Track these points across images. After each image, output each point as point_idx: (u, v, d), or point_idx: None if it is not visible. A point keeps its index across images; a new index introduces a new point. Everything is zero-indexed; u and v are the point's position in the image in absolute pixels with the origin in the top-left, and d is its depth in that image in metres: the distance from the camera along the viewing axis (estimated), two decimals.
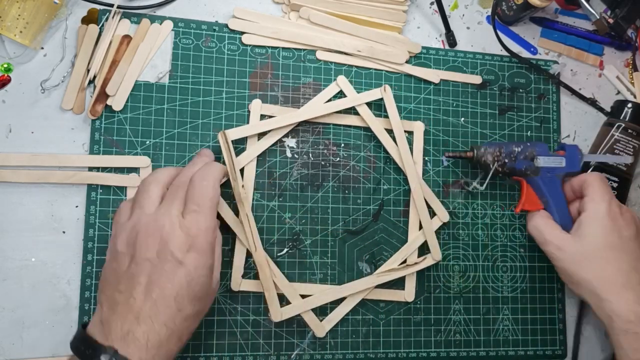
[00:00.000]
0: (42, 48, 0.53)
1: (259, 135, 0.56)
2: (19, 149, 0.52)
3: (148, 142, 0.54)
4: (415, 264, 0.57)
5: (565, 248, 0.55)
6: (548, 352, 0.61)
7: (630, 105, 0.64)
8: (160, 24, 0.56)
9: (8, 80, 0.52)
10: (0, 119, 0.52)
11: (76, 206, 0.52)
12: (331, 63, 0.60)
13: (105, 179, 0.53)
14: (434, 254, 0.58)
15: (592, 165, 0.63)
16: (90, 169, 0.53)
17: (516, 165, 0.57)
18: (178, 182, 0.47)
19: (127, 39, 0.54)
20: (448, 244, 0.60)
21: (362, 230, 0.59)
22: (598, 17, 0.63)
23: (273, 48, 0.59)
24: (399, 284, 0.58)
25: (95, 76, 0.53)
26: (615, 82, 0.68)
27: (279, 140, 0.57)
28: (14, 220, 0.51)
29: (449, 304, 0.60)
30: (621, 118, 0.64)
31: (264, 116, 0.57)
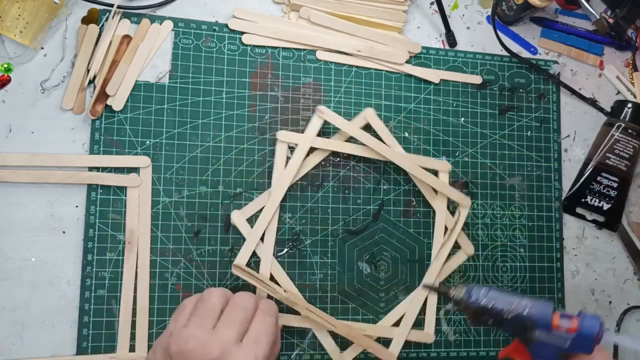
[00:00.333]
0: (42, 48, 0.53)
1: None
2: (19, 149, 0.52)
3: (148, 142, 0.54)
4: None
5: None
6: None
7: (630, 105, 0.64)
8: (160, 24, 0.56)
9: (8, 80, 0.52)
10: (0, 119, 0.52)
11: (76, 206, 0.52)
12: (331, 63, 0.60)
13: (105, 179, 0.53)
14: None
15: (590, 168, 0.63)
16: (90, 169, 0.53)
17: (504, 326, 0.44)
18: (240, 302, 0.46)
19: (127, 39, 0.54)
20: None
21: (362, 230, 0.59)
22: (598, 17, 0.63)
23: (273, 48, 0.59)
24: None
25: (95, 76, 0.53)
26: (615, 82, 0.68)
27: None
28: (14, 220, 0.51)
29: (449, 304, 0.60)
30: (621, 118, 0.64)
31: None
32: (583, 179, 0.64)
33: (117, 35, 0.54)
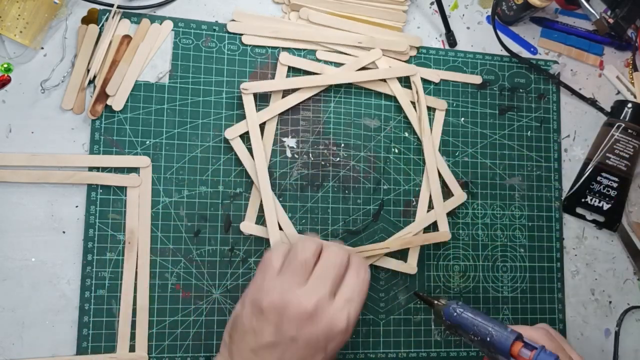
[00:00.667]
0: (42, 48, 0.53)
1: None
2: (19, 149, 0.52)
3: (148, 142, 0.54)
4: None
5: None
6: None
7: (630, 105, 0.64)
8: (160, 24, 0.56)
9: (8, 80, 0.52)
10: (0, 119, 0.52)
11: (76, 206, 0.52)
12: (331, 63, 0.60)
13: (105, 179, 0.53)
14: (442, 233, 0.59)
15: (590, 168, 0.63)
16: (90, 169, 0.53)
17: (473, 344, 0.48)
18: (333, 260, 0.46)
19: (127, 39, 0.54)
20: (448, 244, 0.60)
21: (362, 230, 0.59)
22: (598, 17, 0.63)
23: (273, 48, 0.59)
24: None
25: (95, 76, 0.53)
26: (615, 82, 0.68)
27: (279, 140, 0.57)
28: (14, 220, 0.51)
29: None
30: (621, 118, 0.64)
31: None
32: (583, 179, 0.64)
33: (117, 35, 0.54)
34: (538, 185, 0.64)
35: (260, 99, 0.57)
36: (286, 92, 0.57)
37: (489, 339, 0.46)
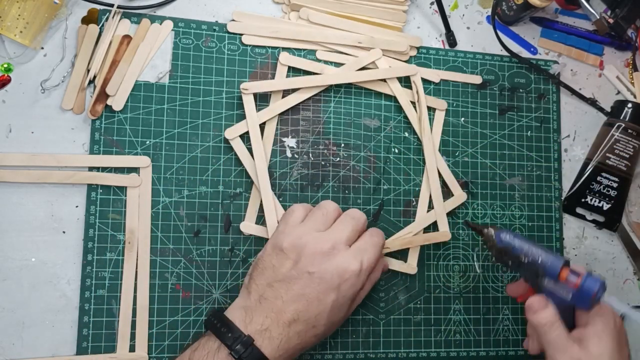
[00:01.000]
0: (42, 48, 0.53)
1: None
2: (19, 149, 0.52)
3: (148, 142, 0.54)
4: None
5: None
6: None
7: (630, 105, 0.64)
8: (160, 24, 0.56)
9: (8, 80, 0.52)
10: (0, 119, 0.52)
11: (76, 206, 0.52)
12: (331, 63, 0.60)
13: (105, 179, 0.53)
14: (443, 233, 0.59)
15: (590, 168, 0.63)
16: (90, 169, 0.53)
17: (520, 269, 0.50)
18: (352, 214, 0.51)
19: (127, 39, 0.54)
20: (448, 244, 0.60)
21: None
22: (598, 17, 0.63)
23: (273, 48, 0.59)
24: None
25: (95, 76, 0.53)
26: (615, 82, 0.68)
27: (279, 140, 0.57)
28: (14, 220, 0.51)
29: (449, 304, 0.60)
30: (621, 118, 0.64)
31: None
32: (583, 179, 0.64)
33: (117, 35, 0.54)
34: (538, 185, 0.64)
35: (260, 99, 0.57)
36: (286, 92, 0.58)
37: (540, 260, 0.48)
